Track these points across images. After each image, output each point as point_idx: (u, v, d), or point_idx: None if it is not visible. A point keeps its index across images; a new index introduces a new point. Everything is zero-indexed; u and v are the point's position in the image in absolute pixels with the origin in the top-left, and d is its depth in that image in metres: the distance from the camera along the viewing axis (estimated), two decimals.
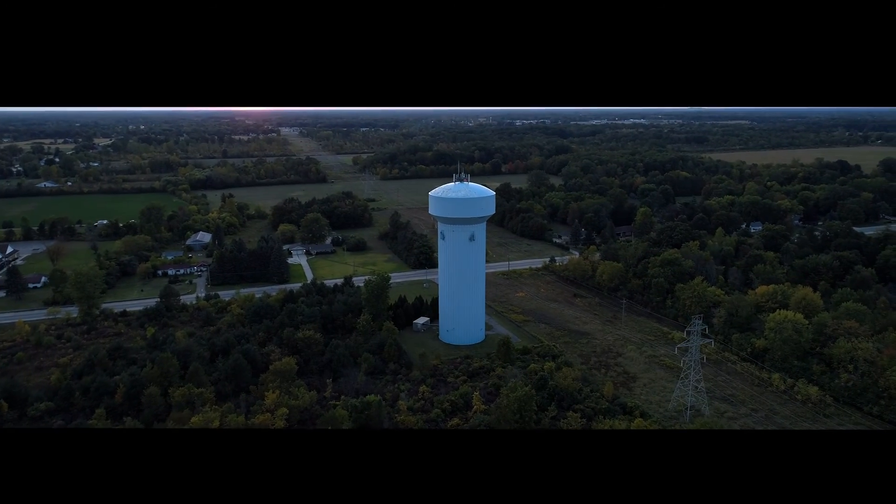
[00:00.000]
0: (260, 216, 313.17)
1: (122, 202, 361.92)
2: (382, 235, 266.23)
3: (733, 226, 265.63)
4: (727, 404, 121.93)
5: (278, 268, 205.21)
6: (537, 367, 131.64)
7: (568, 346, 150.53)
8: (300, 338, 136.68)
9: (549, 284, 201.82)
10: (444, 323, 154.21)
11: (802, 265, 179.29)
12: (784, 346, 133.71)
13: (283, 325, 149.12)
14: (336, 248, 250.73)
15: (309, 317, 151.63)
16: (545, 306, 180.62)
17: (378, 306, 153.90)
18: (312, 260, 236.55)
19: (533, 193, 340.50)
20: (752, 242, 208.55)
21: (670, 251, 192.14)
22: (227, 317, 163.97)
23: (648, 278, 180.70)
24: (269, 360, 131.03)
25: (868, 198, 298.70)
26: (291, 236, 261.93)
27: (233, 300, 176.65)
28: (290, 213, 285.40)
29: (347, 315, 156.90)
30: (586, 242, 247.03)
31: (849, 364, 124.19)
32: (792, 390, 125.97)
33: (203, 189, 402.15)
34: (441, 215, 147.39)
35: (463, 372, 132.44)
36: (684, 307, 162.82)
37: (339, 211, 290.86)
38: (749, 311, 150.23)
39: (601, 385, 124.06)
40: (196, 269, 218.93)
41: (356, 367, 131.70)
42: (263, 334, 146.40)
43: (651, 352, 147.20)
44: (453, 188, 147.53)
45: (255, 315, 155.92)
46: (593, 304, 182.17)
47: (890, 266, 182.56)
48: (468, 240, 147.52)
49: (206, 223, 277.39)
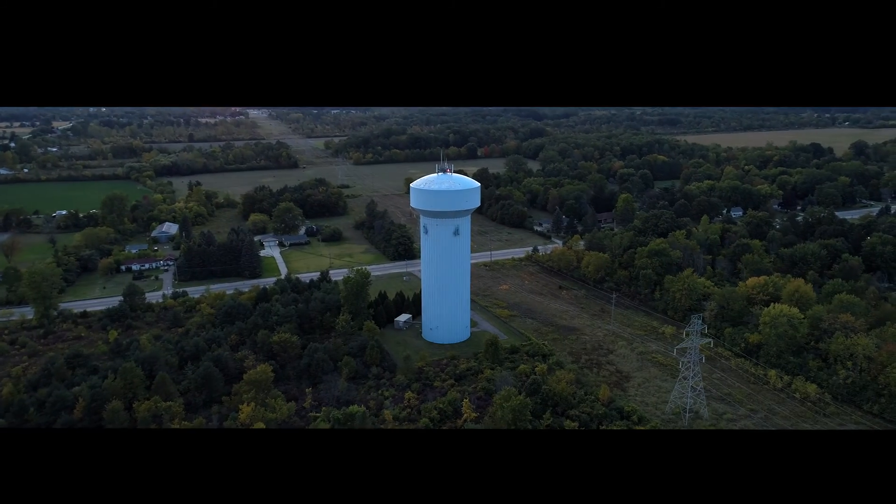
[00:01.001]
0: (229, 205, 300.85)
1: (83, 190, 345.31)
2: (358, 225, 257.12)
3: (714, 211, 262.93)
4: (724, 405, 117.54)
5: (250, 262, 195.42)
6: (527, 369, 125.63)
7: (557, 344, 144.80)
8: (275, 341, 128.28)
9: (533, 276, 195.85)
10: (427, 321, 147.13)
11: (791, 254, 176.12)
12: (779, 341, 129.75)
13: (257, 326, 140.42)
14: (310, 239, 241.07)
15: (284, 317, 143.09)
16: (530, 300, 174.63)
17: (358, 304, 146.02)
18: (286, 252, 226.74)
19: (511, 179, 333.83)
20: (736, 230, 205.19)
21: (656, 241, 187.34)
22: (197, 317, 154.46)
23: (636, 269, 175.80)
24: (242, 366, 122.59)
25: (845, 182, 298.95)
26: (263, 226, 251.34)
27: (202, 298, 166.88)
28: (261, 201, 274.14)
29: (325, 314, 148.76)
30: (568, 230, 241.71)
31: (847, 361, 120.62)
32: (789, 388, 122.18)
33: (169, 176, 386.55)
34: (424, 208, 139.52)
35: (450, 375, 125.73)
36: (674, 300, 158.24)
37: (313, 199, 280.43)
38: (741, 304, 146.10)
39: (596, 388, 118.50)
40: (162, 263, 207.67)
41: (336, 373, 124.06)
42: (236, 337, 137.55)
43: (642, 348, 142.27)
44: (436, 179, 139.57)
45: (227, 315, 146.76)
46: (579, 297, 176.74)
47: (875, 254, 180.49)
48: (452, 234, 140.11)
49: (173, 213, 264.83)
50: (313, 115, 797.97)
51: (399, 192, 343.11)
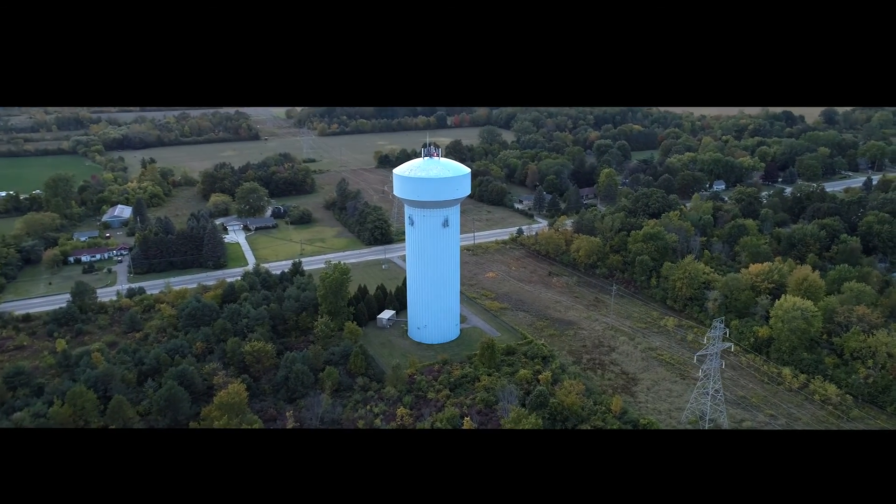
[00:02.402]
0: (187, 183, 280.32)
1: (24, 167, 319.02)
2: (329, 205, 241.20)
3: (699, 186, 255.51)
4: (741, 409, 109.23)
5: (213, 251, 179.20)
6: (528, 374, 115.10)
7: (554, 341, 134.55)
8: (248, 351, 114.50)
9: (520, 261, 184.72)
10: (414, 320, 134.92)
11: (789, 236, 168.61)
12: (792, 336, 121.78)
13: (226, 331, 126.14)
14: (277, 222, 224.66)
15: (256, 319, 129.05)
16: (520, 289, 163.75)
17: (337, 303, 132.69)
18: (252, 237, 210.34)
19: (486, 152, 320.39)
20: (728, 209, 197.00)
21: (649, 223, 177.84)
22: (156, 319, 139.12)
23: (630, 255, 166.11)
24: (211, 383, 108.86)
25: (825, 153, 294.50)
26: (226, 208, 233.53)
27: (162, 296, 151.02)
28: (222, 180, 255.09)
29: (301, 314, 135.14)
30: (551, 208, 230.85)
31: (868, 359, 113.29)
32: (807, 389, 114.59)
33: (119, 150, 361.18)
34: (409, 198, 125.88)
35: (444, 384, 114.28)
36: (674, 289, 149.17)
37: (278, 177, 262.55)
38: (747, 294, 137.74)
39: (606, 397, 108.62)
40: (115, 252, 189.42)
41: (317, 385, 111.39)
42: (202, 344, 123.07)
43: (646, 343, 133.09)
44: (422, 165, 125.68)
45: (191, 318, 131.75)
46: (571, 285, 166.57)
47: (873, 233, 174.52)
48: (441, 225, 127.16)
49: (126, 194, 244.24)
50: None
51: (368, 165, 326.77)
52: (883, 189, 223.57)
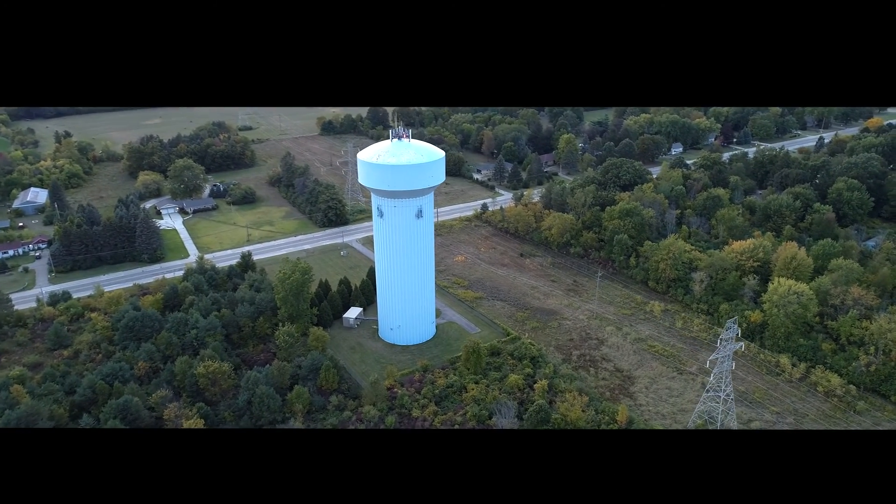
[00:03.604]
0: (111, 159, 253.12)
1: None
2: (273, 181, 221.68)
3: (658, 150, 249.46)
4: (746, 407, 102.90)
5: (148, 242, 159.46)
6: (519, 380, 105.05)
7: (538, 334, 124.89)
8: (202, 374, 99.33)
9: (488, 241, 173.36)
10: (385, 319, 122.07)
11: (765, 207, 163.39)
12: (787, 321, 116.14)
13: (172, 346, 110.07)
14: (217, 202, 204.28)
15: (206, 330, 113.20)
16: (493, 274, 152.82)
17: (299, 307, 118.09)
18: (190, 222, 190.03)
19: (436, 116, 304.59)
20: (697, 177, 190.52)
21: (622, 196, 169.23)
22: (87, 331, 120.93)
23: (605, 232, 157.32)
24: (160, 416, 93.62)
25: (777, 112, 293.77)
26: (157, 189, 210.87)
27: (92, 301, 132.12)
28: (150, 155, 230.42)
29: (258, 319, 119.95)
30: (513, 179, 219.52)
31: (871, 346, 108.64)
32: (808, 379, 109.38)
33: (28, 119, 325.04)
34: (378, 188, 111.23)
35: (428, 396, 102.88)
36: (656, 270, 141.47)
37: (214, 150, 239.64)
38: (734, 276, 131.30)
39: (608, 404, 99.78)
40: (31, 246, 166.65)
41: (286, 409, 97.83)
42: (145, 364, 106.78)
43: (634, 333, 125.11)
44: (391, 150, 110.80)
45: (129, 331, 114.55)
46: (545, 267, 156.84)
47: (843, 201, 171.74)
48: (414, 217, 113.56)
49: (39, 175, 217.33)
50: None
51: (310, 133, 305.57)
52: (839, 149, 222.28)
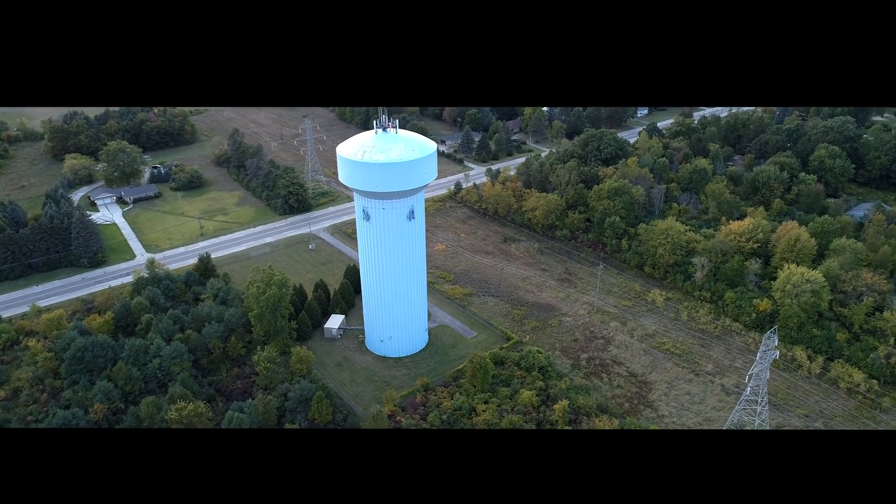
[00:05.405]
0: (29, 138, 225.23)
1: None
2: (220, 161, 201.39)
3: (625, 112, 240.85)
4: (770, 408, 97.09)
5: (86, 244, 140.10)
6: (533, 397, 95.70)
7: (539, 335, 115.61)
8: (174, 419, 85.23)
9: (467, 224, 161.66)
10: (374, 331, 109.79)
11: (753, 180, 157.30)
12: (800, 311, 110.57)
13: (131, 380, 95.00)
14: (160, 189, 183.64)
15: (172, 358, 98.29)
16: (478, 263, 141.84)
17: (276, 324, 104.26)
18: (132, 214, 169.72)
19: None
20: (677, 146, 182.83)
21: (606, 171, 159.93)
22: (26, 364, 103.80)
23: (593, 213, 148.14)
24: None
25: None
26: (88, 175, 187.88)
27: (26, 323, 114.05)
28: (76, 135, 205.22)
29: (229, 339, 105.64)
30: (481, 150, 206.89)
31: (890, 336, 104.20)
32: (826, 373, 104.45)
33: None
34: (364, 189, 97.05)
35: (435, 423, 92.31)
36: (653, 255, 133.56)
37: (149, 127, 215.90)
38: (738, 261, 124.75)
39: (633, 420, 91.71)
40: None
41: None
42: (102, 406, 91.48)
43: (641, 329, 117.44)
44: (378, 144, 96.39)
45: (77, 362, 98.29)
46: (533, 253, 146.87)
47: (825, 168, 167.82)
48: (405, 218, 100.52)
49: None
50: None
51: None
52: (806, 110, 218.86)
